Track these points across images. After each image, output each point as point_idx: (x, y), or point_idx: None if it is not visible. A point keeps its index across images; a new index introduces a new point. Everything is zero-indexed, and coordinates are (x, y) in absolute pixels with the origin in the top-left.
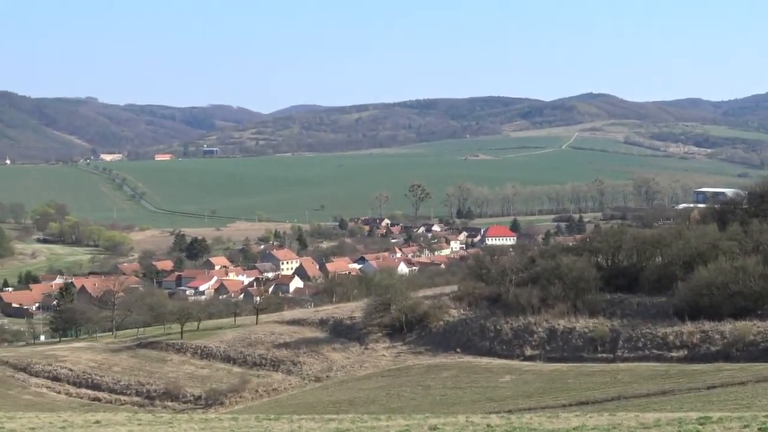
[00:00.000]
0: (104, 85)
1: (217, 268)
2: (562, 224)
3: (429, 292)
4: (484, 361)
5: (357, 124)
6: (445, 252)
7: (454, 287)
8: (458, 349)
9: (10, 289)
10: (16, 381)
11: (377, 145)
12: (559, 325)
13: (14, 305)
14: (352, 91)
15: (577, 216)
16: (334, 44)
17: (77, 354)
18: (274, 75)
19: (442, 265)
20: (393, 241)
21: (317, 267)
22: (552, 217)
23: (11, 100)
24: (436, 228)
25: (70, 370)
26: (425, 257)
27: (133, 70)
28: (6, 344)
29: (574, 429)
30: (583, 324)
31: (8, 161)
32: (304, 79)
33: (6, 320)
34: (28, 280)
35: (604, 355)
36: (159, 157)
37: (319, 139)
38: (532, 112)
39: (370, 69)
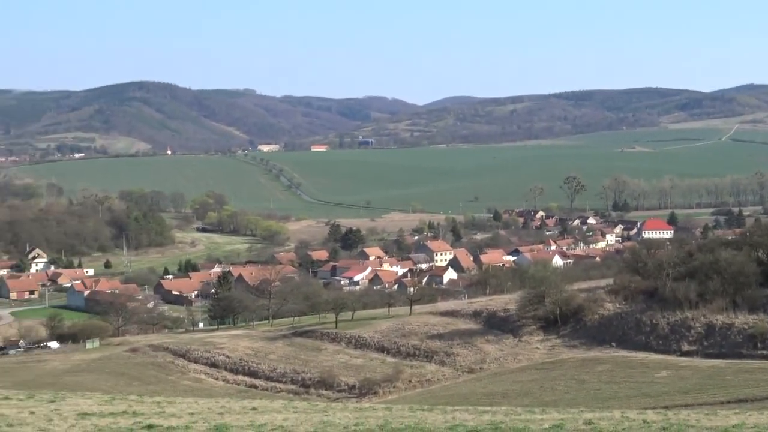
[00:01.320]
0: (262, 77)
1: (371, 258)
2: (721, 218)
3: (584, 285)
4: (640, 356)
5: (512, 115)
6: (601, 245)
7: (610, 281)
8: (613, 343)
9: (171, 276)
10: (176, 367)
11: (532, 136)
12: (717, 320)
13: (174, 293)
14: (507, 83)
15: (736, 210)
16: (489, 35)
17: (234, 341)
18: (429, 66)
19: (597, 258)
20: (547, 233)
21: (471, 259)
22: (710, 210)
23: (173, 92)
24: (591, 220)
25: (228, 357)
26: (580, 250)
27: (290, 62)
28: (166, 331)
29: (733, 427)
30: (742, 320)
31: (169, 152)
32: (459, 71)
33: (166, 307)
34: (187, 268)
35: (765, 352)
36: (315, 148)
37: (473, 130)
38: (690, 103)
39: (525, 60)
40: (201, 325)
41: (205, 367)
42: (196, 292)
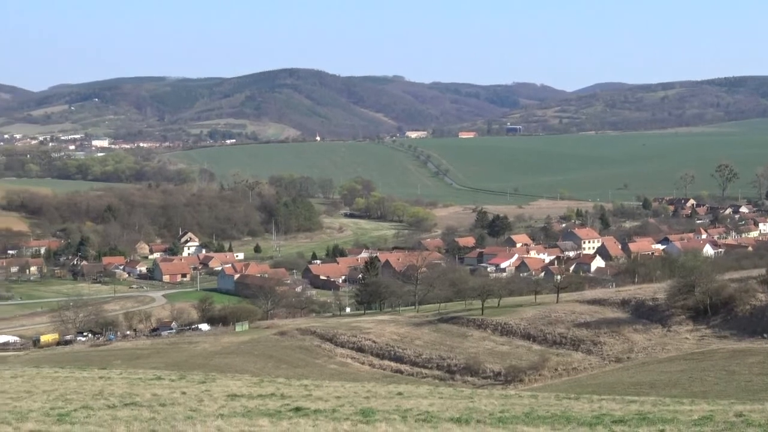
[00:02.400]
0: (411, 63)
1: (518, 245)
2: None
3: (735, 275)
4: None
5: (662, 102)
6: (753, 234)
7: (762, 270)
8: (765, 335)
9: (319, 261)
10: (323, 351)
11: (683, 123)
12: None
13: (322, 277)
14: (658, 69)
15: None
16: (640, 21)
17: (381, 326)
18: (579, 52)
19: (750, 248)
20: (698, 222)
21: (619, 247)
22: None
23: (322, 79)
24: (743, 209)
25: (374, 342)
26: (732, 239)
27: (439, 49)
28: (314, 315)
29: None
30: None
31: (318, 138)
32: (609, 57)
33: (314, 292)
34: (335, 253)
35: None
36: (463, 135)
37: (623, 117)
38: None
39: (676, 46)
40: (348, 309)
41: (352, 352)
42: (343, 277)
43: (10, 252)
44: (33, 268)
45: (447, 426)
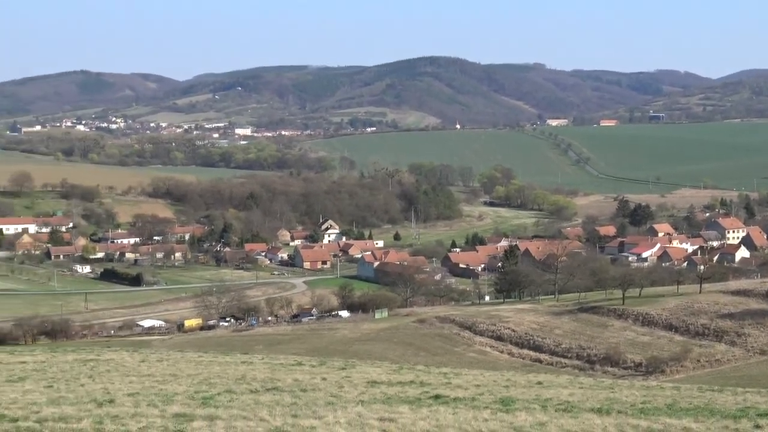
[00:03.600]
0: (552, 51)
1: (660, 235)
2: None
3: None
4: None
5: None
6: None
7: None
8: None
9: (458, 250)
10: (462, 339)
11: None
12: None
13: (461, 266)
14: None
15: None
16: None
17: (520, 315)
18: (724, 39)
19: None
20: None
21: (765, 237)
22: None
23: (462, 67)
24: None
25: (513, 330)
26: None
27: (580, 35)
28: (453, 303)
29: None
30: None
31: (458, 126)
32: (756, 42)
33: (453, 280)
34: (474, 241)
35: None
36: (604, 123)
37: None
38: None
39: None
40: (487, 298)
41: (491, 340)
42: (482, 266)
43: (155, 238)
44: (178, 254)
45: (587, 416)
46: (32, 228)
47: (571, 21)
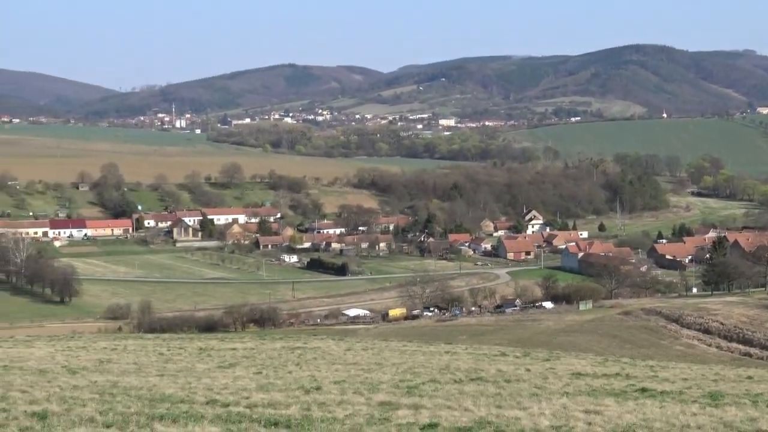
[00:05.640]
0: (763, 37)
1: None
2: None
3: None
4: None
5: None
6: None
7: None
8: None
9: (664, 241)
10: (668, 331)
11: None
12: None
13: (667, 257)
14: None
15: None
16: None
17: (729, 308)
18: None
19: None
20: None
21: None
22: None
23: (669, 55)
24: None
25: (722, 324)
26: None
27: None
28: (659, 295)
29: None
30: None
31: (665, 115)
32: None
33: (659, 271)
34: (681, 232)
35: None
36: None
37: None
38: None
39: None
40: (694, 290)
41: (698, 333)
42: (689, 257)
43: (360, 228)
44: (382, 244)
45: None
46: (242, 218)
47: None
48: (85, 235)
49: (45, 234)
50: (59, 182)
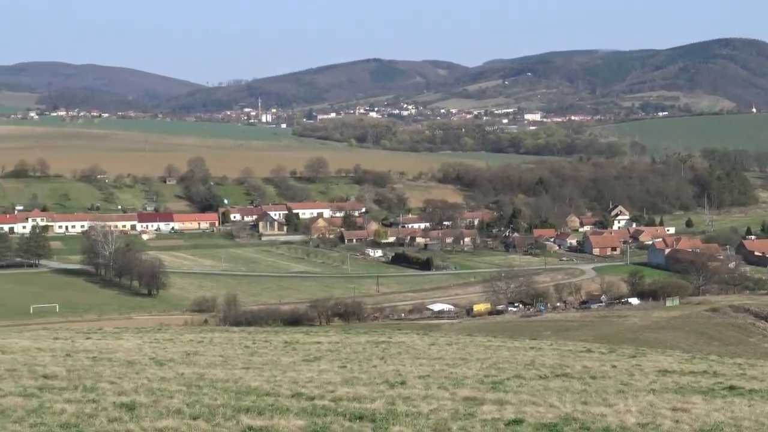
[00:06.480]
0: None
1: None
2: None
3: None
4: None
5: None
6: None
7: None
8: None
9: (753, 237)
10: (757, 329)
11: None
12: None
13: (756, 254)
14: None
15: None
16: None
17: None
18: None
19: None
20: None
21: None
22: None
23: (759, 48)
24: None
25: None
26: None
27: None
28: (747, 292)
29: None
30: None
31: (754, 109)
32: None
33: (748, 268)
34: None
35: None
36: None
37: None
38: None
39: None
40: None
41: None
42: None
43: (445, 223)
44: (467, 239)
45: None
46: (327, 212)
47: None
48: (172, 228)
49: (133, 227)
50: (147, 176)
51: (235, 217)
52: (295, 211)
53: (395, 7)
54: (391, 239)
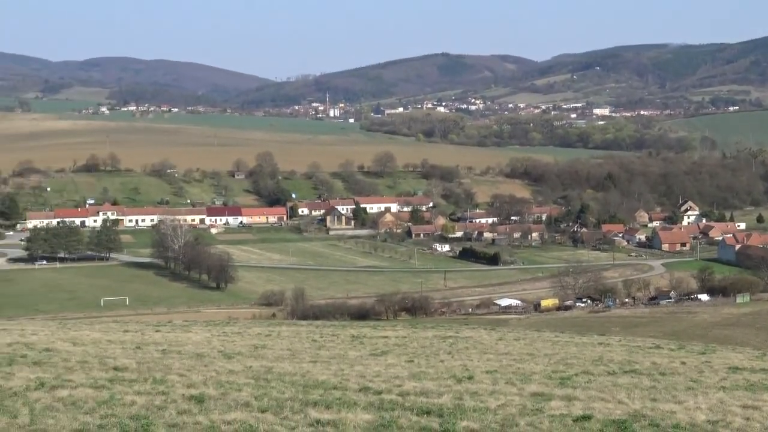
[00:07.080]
0: None
1: None
2: None
3: None
4: None
5: None
6: None
7: None
8: None
9: None
10: None
11: None
12: None
13: None
14: None
15: None
16: None
17: None
18: None
19: None
20: None
21: None
22: None
23: None
24: None
25: None
26: None
27: None
28: None
29: None
30: None
31: None
32: None
33: None
34: None
35: None
36: None
37: None
38: None
39: None
40: None
41: None
42: None
43: (513, 218)
44: (534, 234)
45: None
46: (394, 207)
47: None
48: (241, 222)
49: (202, 221)
50: (216, 170)
51: (303, 211)
52: (362, 205)
53: (463, 1)
54: (459, 234)
